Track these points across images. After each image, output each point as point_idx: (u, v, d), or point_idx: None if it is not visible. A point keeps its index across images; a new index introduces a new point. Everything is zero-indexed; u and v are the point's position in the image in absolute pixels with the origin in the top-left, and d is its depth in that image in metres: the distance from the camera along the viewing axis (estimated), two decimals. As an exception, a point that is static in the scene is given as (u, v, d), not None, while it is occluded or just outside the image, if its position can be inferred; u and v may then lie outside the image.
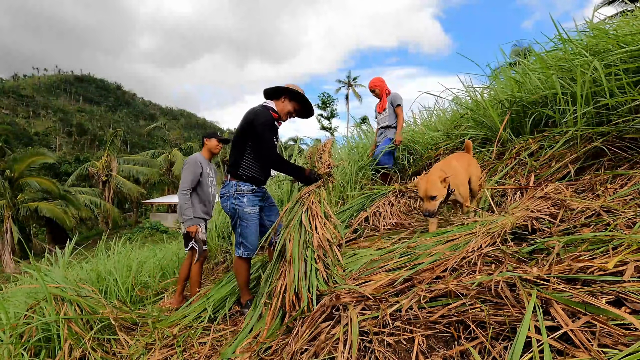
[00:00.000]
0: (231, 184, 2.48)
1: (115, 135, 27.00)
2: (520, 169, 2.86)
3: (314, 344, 1.46)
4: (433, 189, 2.15)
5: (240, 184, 2.46)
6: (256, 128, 2.39)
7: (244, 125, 2.46)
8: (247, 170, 2.47)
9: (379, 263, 2.00)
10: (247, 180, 2.47)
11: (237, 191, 2.45)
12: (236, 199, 2.45)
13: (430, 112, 5.75)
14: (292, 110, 2.60)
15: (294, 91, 2.56)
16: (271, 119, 2.46)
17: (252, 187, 2.48)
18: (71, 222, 18.55)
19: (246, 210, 2.45)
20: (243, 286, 2.56)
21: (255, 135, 2.40)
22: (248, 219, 2.46)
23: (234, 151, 2.52)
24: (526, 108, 3.22)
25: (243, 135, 2.47)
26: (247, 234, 2.46)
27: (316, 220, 2.16)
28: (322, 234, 2.09)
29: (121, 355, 2.15)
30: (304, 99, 2.60)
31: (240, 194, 2.45)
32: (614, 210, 1.78)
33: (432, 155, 4.25)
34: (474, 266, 1.67)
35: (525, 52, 4.77)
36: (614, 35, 2.71)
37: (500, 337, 1.19)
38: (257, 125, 2.38)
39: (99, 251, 4.53)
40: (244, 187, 2.45)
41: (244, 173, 2.46)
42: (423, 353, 1.26)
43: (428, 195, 2.15)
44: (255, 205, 2.50)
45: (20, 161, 17.97)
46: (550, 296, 1.19)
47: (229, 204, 2.48)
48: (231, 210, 2.49)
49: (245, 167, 2.46)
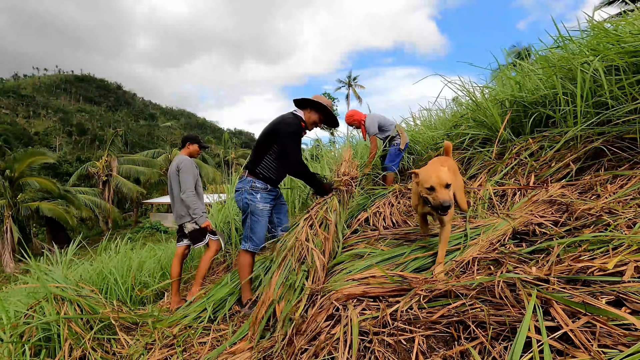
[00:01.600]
0: (247, 180, 2.58)
1: (115, 135, 27.02)
2: (521, 169, 2.85)
3: (314, 344, 1.46)
4: (446, 175, 1.77)
5: (256, 181, 2.55)
6: (282, 136, 2.50)
7: (271, 129, 2.58)
8: (265, 170, 2.57)
9: (373, 266, 2.00)
10: (263, 179, 2.57)
11: (252, 187, 2.55)
12: (250, 194, 2.54)
13: (430, 112, 5.75)
14: (317, 120, 2.72)
15: (318, 103, 2.67)
16: (299, 128, 2.57)
17: (267, 186, 2.58)
18: (73, 221, 18.55)
19: (258, 207, 2.54)
20: (245, 283, 2.60)
21: (281, 142, 2.51)
22: (259, 214, 2.55)
23: (257, 150, 2.62)
24: (526, 108, 3.22)
25: (268, 137, 2.58)
26: (257, 229, 2.56)
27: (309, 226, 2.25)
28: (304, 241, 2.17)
29: (121, 355, 2.15)
30: (328, 111, 2.71)
31: (254, 190, 2.54)
32: (614, 210, 1.78)
33: (432, 155, 4.25)
34: (474, 266, 1.67)
35: (524, 53, 4.77)
36: (615, 34, 2.71)
37: (500, 337, 1.19)
38: (284, 134, 2.50)
39: (98, 251, 4.53)
40: (259, 185, 2.55)
41: (262, 172, 2.57)
42: (423, 353, 1.26)
43: (443, 182, 1.75)
44: (267, 202, 2.59)
45: (20, 161, 17.96)
46: (550, 296, 1.19)
47: (243, 198, 2.57)
48: (244, 205, 2.58)
49: (263, 166, 2.57)
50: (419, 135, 4.96)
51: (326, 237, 2.27)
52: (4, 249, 15.61)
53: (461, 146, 3.82)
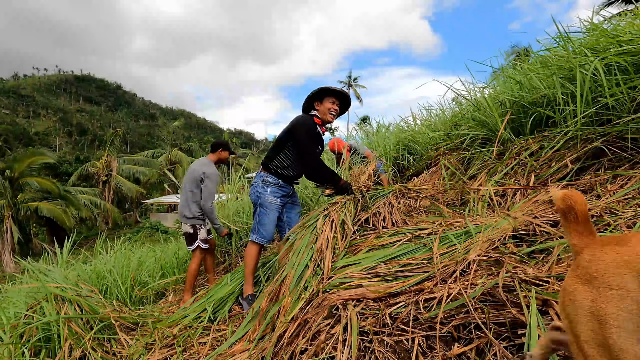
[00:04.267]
0: (260, 175, 2.67)
1: (115, 135, 27.00)
2: (521, 169, 2.85)
3: (314, 344, 1.46)
4: None
5: (267, 176, 2.63)
6: (297, 135, 2.57)
7: (289, 128, 2.65)
8: (278, 166, 2.64)
9: (375, 268, 2.00)
10: (275, 175, 2.63)
11: (264, 181, 2.63)
12: (261, 187, 2.62)
13: (430, 112, 5.75)
14: (330, 107, 2.70)
15: (316, 90, 2.70)
16: (312, 126, 2.63)
17: (278, 182, 2.64)
18: (71, 222, 18.55)
19: (267, 199, 2.59)
20: (248, 275, 2.62)
21: (297, 141, 2.57)
22: (268, 207, 2.60)
23: (275, 146, 2.70)
24: (526, 108, 3.22)
25: (286, 136, 2.64)
26: (265, 221, 2.60)
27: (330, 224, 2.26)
28: (328, 238, 2.15)
29: (121, 355, 2.15)
30: (330, 90, 2.70)
31: (265, 184, 2.62)
32: (614, 210, 1.78)
33: (432, 155, 4.25)
34: (474, 266, 1.67)
35: (524, 53, 4.77)
36: (615, 34, 2.71)
37: (500, 337, 1.19)
38: (298, 133, 2.57)
39: (95, 251, 4.53)
40: (270, 179, 2.62)
41: (274, 168, 2.64)
42: (423, 353, 1.26)
43: None
44: (277, 197, 2.63)
45: (20, 161, 17.97)
46: (550, 297, 1.19)
47: (255, 191, 2.65)
48: (254, 198, 2.65)
49: (277, 163, 2.64)
50: (419, 135, 4.96)
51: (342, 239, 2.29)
52: (4, 249, 15.62)
53: (461, 146, 3.82)
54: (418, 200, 3.19)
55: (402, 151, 4.71)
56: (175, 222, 22.40)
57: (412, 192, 3.30)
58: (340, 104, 2.78)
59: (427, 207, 3.05)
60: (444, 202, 3.03)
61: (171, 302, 3.41)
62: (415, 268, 1.90)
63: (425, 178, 3.94)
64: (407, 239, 2.33)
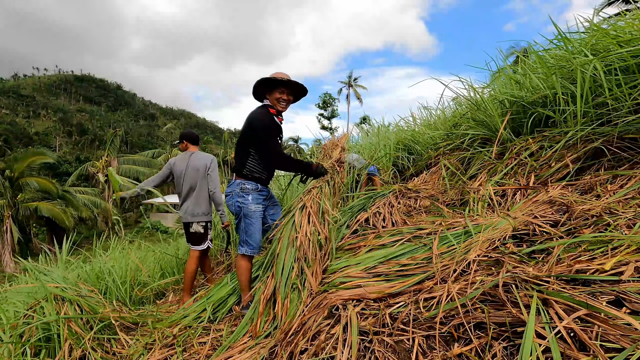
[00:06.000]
0: (236, 183, 2.52)
1: (115, 135, 26.99)
2: (521, 169, 2.85)
3: (314, 344, 1.46)
4: None
5: (245, 183, 2.50)
6: (255, 129, 2.44)
7: (245, 127, 2.52)
8: (253, 170, 2.52)
9: (375, 268, 2.00)
10: (253, 179, 2.51)
11: (242, 190, 2.49)
12: (241, 197, 2.48)
13: (430, 112, 5.75)
14: (278, 97, 2.52)
15: (262, 79, 2.50)
16: (268, 117, 2.48)
17: (257, 186, 2.52)
18: (70, 222, 18.54)
19: (250, 208, 2.48)
20: (244, 286, 2.55)
21: (256, 136, 2.45)
22: (252, 216, 2.49)
23: (239, 152, 2.56)
24: (526, 108, 3.22)
25: (245, 136, 2.52)
26: (252, 231, 2.49)
27: (308, 218, 2.20)
28: (307, 233, 2.13)
29: (121, 355, 2.15)
30: (278, 80, 2.48)
31: (245, 192, 2.48)
32: (614, 210, 1.78)
33: (432, 155, 4.25)
34: (474, 266, 1.67)
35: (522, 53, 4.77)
36: (614, 34, 2.71)
37: (500, 337, 1.19)
38: (256, 127, 2.44)
39: (97, 251, 4.53)
40: (249, 186, 2.49)
41: (251, 173, 2.51)
42: (423, 353, 1.26)
43: None
44: (259, 203, 2.53)
45: (20, 161, 17.97)
46: (550, 297, 1.19)
47: (234, 202, 2.51)
48: (236, 209, 2.52)
49: (250, 167, 2.51)
50: (419, 135, 4.96)
51: (326, 236, 2.26)
52: (3, 249, 15.62)
53: (461, 146, 3.82)
54: (418, 200, 3.19)
55: (402, 151, 4.71)
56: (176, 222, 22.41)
57: (412, 192, 3.30)
58: (295, 90, 2.61)
59: (427, 207, 3.05)
60: (444, 202, 3.03)
61: (171, 302, 3.41)
62: (415, 268, 1.90)
63: (425, 178, 3.94)
64: (407, 238, 2.33)
